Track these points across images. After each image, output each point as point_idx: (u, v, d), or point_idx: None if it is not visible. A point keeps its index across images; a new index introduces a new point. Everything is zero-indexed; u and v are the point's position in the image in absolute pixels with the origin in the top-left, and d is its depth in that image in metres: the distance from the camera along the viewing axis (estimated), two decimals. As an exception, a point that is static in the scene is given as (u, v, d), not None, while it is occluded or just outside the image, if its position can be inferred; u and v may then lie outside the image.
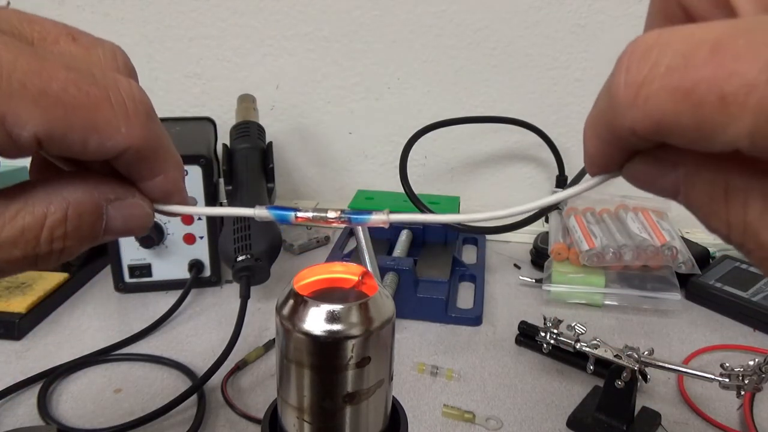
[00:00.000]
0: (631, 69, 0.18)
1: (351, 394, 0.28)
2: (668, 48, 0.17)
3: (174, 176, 0.25)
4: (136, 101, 0.22)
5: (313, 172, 0.98)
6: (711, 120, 0.17)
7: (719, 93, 0.16)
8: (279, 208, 0.28)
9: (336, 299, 0.27)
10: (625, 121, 0.19)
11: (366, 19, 0.87)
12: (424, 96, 0.90)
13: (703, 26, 0.17)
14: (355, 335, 0.27)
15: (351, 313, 0.27)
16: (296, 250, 0.84)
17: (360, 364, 0.28)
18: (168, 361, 0.60)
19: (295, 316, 0.27)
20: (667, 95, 0.17)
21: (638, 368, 0.50)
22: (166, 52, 0.92)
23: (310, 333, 0.27)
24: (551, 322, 0.56)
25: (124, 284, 0.72)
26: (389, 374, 0.30)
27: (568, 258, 0.72)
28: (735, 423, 0.53)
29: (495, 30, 0.85)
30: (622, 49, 0.19)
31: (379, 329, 0.28)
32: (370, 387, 0.29)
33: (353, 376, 0.28)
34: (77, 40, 0.24)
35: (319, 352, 0.27)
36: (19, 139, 0.20)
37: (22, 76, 0.20)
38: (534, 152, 0.91)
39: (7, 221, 0.22)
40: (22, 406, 0.54)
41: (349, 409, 0.29)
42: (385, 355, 0.29)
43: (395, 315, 0.29)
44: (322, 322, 0.27)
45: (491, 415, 0.54)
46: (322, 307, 0.27)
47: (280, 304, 0.28)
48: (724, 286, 0.72)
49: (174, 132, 0.78)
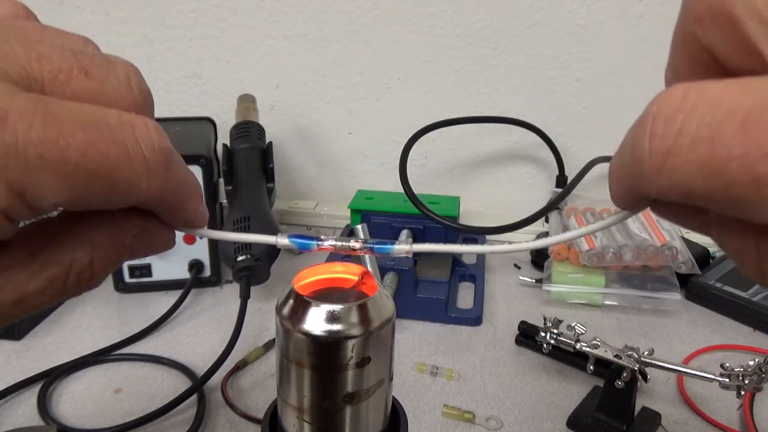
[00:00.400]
0: (655, 135, 0.17)
1: (351, 394, 0.28)
2: (695, 114, 0.16)
3: (194, 207, 0.25)
4: (155, 151, 0.21)
5: (313, 172, 0.98)
6: (744, 198, 0.16)
7: (752, 174, 0.15)
8: (301, 237, 0.28)
9: (336, 299, 0.27)
10: (651, 187, 0.18)
11: (366, 19, 0.87)
12: (424, 96, 0.90)
13: (733, 88, 0.16)
14: (355, 335, 0.27)
15: (351, 314, 0.27)
16: (296, 250, 0.84)
17: (360, 364, 0.28)
18: (168, 361, 0.60)
19: (294, 316, 0.27)
20: (695, 170, 0.16)
21: (638, 368, 0.50)
22: (166, 52, 0.92)
23: (310, 333, 0.27)
24: (551, 322, 0.56)
25: (124, 284, 0.72)
26: (389, 374, 0.30)
27: (568, 258, 0.72)
28: (735, 423, 0.53)
29: (495, 30, 0.85)
30: (622, 49, 0.19)
31: (379, 329, 0.28)
32: (370, 387, 0.29)
33: (353, 376, 0.28)
34: (90, 73, 0.23)
35: (319, 352, 0.27)
36: (40, 208, 0.20)
37: (40, 147, 0.19)
38: (534, 152, 0.91)
39: (34, 274, 0.22)
40: (22, 406, 0.54)
41: (349, 409, 0.29)
42: (385, 355, 0.29)
43: (395, 315, 0.29)
44: (322, 322, 0.27)
45: (491, 415, 0.54)
46: (322, 307, 0.27)
47: (280, 304, 0.28)
48: (724, 286, 0.72)
49: (174, 132, 0.78)
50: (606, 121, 0.88)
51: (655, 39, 0.82)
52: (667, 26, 0.23)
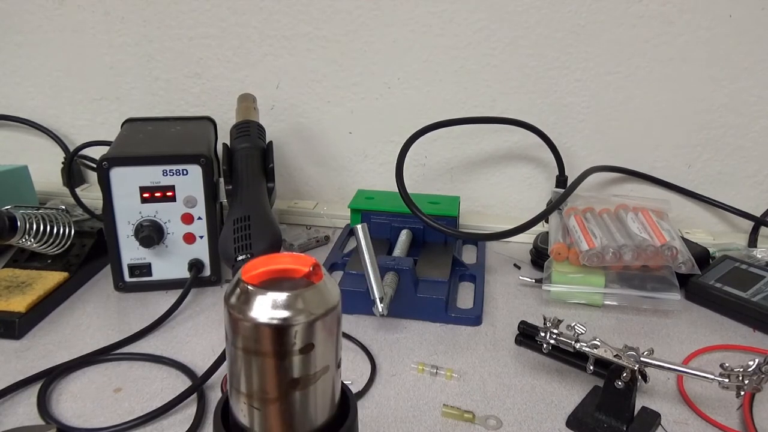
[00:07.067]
0: None
1: (296, 380, 0.29)
2: None
3: None
4: None
5: (313, 172, 0.98)
6: None
7: None
8: None
9: (282, 288, 0.29)
10: None
11: (366, 19, 0.87)
12: (424, 96, 0.90)
13: None
14: (299, 322, 0.28)
15: (294, 301, 0.28)
16: (296, 250, 0.84)
17: (304, 351, 0.29)
18: (168, 360, 0.60)
19: (241, 304, 0.29)
20: None
21: (638, 368, 0.50)
22: (166, 52, 0.92)
23: (255, 320, 0.28)
24: (551, 322, 0.56)
25: (124, 284, 0.72)
26: (336, 361, 0.31)
27: (568, 258, 0.72)
28: (735, 423, 0.53)
29: (495, 30, 0.85)
30: (622, 49, 0.19)
31: (323, 316, 0.29)
32: (316, 373, 0.30)
33: (298, 361, 0.29)
34: None
35: (264, 339, 0.28)
36: None
37: None
38: (534, 152, 0.91)
39: None
40: (22, 405, 0.54)
41: (296, 394, 0.30)
42: (330, 341, 0.30)
43: (341, 303, 0.30)
44: (267, 309, 0.28)
45: (491, 414, 0.54)
46: (268, 295, 0.28)
47: (228, 294, 0.29)
48: (724, 286, 0.72)
49: (174, 132, 0.78)
50: (606, 122, 0.88)
51: (655, 39, 0.82)
52: (667, 26, 0.23)
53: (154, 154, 0.69)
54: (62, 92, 0.97)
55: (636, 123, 0.87)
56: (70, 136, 1.00)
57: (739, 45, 0.81)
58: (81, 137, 1.00)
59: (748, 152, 0.87)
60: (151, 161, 0.69)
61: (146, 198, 0.69)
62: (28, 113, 0.99)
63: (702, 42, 0.81)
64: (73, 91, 0.97)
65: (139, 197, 0.69)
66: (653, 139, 0.88)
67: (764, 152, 0.87)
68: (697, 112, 0.86)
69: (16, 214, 0.67)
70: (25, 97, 0.99)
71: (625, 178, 0.91)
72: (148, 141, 0.75)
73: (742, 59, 0.82)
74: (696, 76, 0.84)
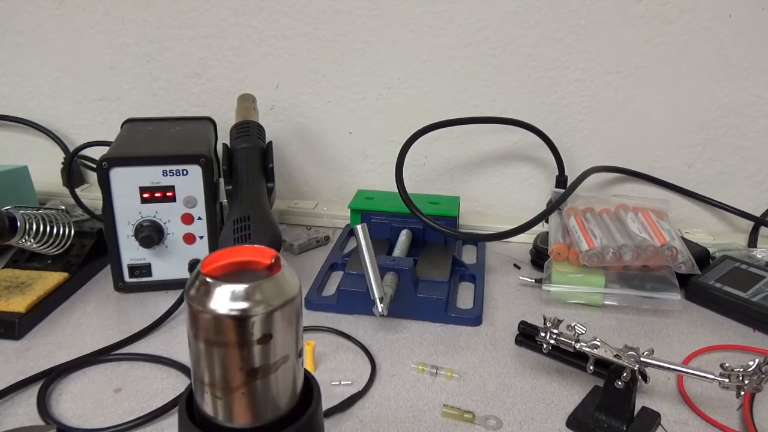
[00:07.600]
0: None
1: (256, 369, 0.30)
2: None
3: None
4: None
5: (313, 172, 0.98)
6: None
7: None
8: None
9: (240, 280, 0.29)
10: None
11: (366, 19, 0.87)
12: (424, 96, 0.90)
13: None
14: (257, 313, 0.29)
15: (253, 293, 0.29)
16: (296, 250, 0.84)
17: (262, 341, 0.30)
18: (168, 360, 0.60)
19: (201, 296, 0.29)
20: None
21: (638, 368, 0.50)
22: (166, 52, 0.92)
23: (214, 311, 0.29)
24: (551, 322, 0.56)
25: (124, 284, 0.72)
26: (296, 351, 0.32)
27: (568, 258, 0.72)
28: (735, 423, 0.53)
29: (495, 30, 0.85)
30: (622, 49, 0.19)
31: (281, 307, 0.30)
32: (276, 362, 0.31)
33: (258, 351, 0.30)
34: None
35: (223, 330, 0.29)
36: None
37: None
38: (534, 152, 0.91)
39: None
40: (22, 405, 0.54)
41: (257, 383, 0.31)
42: (289, 332, 0.31)
43: (300, 294, 0.31)
44: (226, 300, 0.29)
45: (491, 414, 0.54)
46: (225, 287, 0.29)
47: (188, 286, 0.30)
48: (724, 286, 0.72)
49: (174, 132, 0.78)
50: (606, 122, 0.88)
51: (655, 39, 0.82)
52: (667, 26, 0.23)
53: (154, 155, 0.69)
54: (62, 92, 0.97)
55: (636, 123, 0.87)
56: (70, 136, 1.00)
57: (739, 45, 0.81)
58: (81, 137, 1.00)
59: (748, 152, 0.87)
60: (151, 161, 0.69)
61: (146, 198, 0.69)
62: (28, 113, 0.99)
63: (702, 42, 0.81)
64: (73, 91, 0.97)
65: (139, 197, 0.69)
66: (653, 139, 0.88)
67: (764, 152, 0.87)
68: (697, 112, 0.86)
69: (16, 215, 0.67)
70: (25, 97, 0.99)
71: (624, 178, 0.91)
72: (148, 141, 0.75)
73: (742, 59, 0.82)
74: (696, 76, 0.84)
